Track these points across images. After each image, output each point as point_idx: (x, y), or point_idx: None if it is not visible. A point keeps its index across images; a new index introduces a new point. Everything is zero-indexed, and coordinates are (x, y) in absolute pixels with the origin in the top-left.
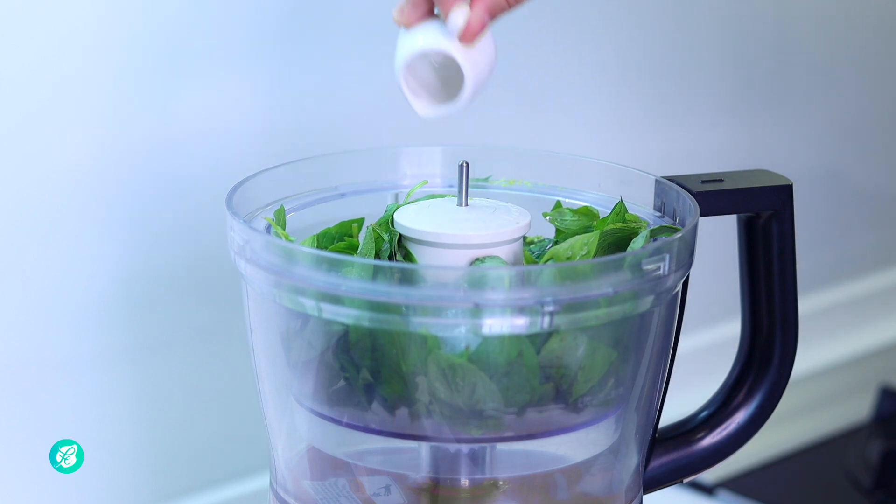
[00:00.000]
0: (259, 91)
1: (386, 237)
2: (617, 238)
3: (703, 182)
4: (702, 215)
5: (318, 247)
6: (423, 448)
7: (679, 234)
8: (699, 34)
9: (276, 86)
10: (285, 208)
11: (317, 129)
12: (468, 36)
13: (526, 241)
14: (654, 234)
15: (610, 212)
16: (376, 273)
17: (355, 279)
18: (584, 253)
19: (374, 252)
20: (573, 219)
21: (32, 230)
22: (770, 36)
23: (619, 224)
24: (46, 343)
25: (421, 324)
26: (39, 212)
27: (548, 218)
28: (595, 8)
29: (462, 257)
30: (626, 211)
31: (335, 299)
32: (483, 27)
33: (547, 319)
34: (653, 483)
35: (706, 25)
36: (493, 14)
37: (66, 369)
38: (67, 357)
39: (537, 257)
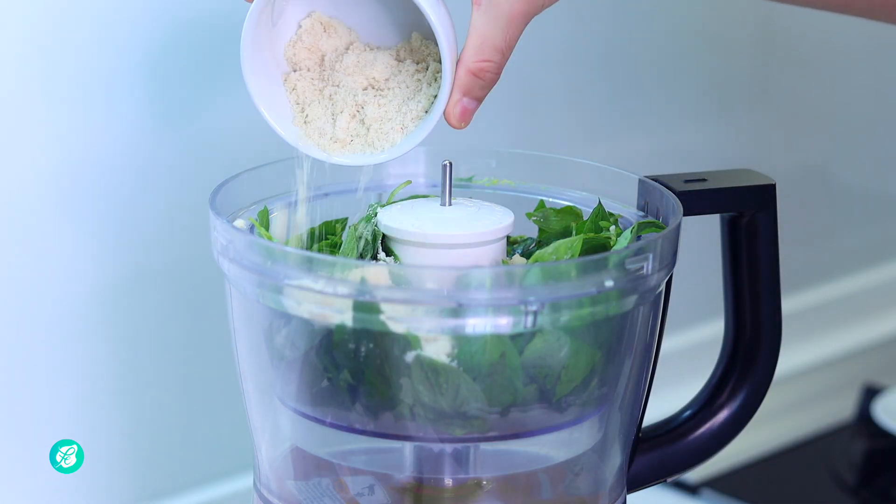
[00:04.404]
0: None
1: (368, 237)
2: (592, 246)
3: (687, 181)
4: (685, 215)
5: (301, 247)
6: (407, 448)
7: (662, 234)
8: (682, 34)
9: None
10: (269, 208)
11: None
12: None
13: (509, 241)
14: (640, 228)
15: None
16: None
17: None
18: (568, 257)
19: (355, 251)
20: (556, 218)
21: (26, 230)
22: (753, 35)
23: (592, 234)
24: (43, 343)
25: (404, 324)
26: (34, 212)
27: (532, 219)
28: (578, 8)
29: (445, 257)
30: (604, 213)
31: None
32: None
33: (530, 319)
34: (637, 482)
35: (689, 25)
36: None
37: (63, 369)
38: (63, 357)
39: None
